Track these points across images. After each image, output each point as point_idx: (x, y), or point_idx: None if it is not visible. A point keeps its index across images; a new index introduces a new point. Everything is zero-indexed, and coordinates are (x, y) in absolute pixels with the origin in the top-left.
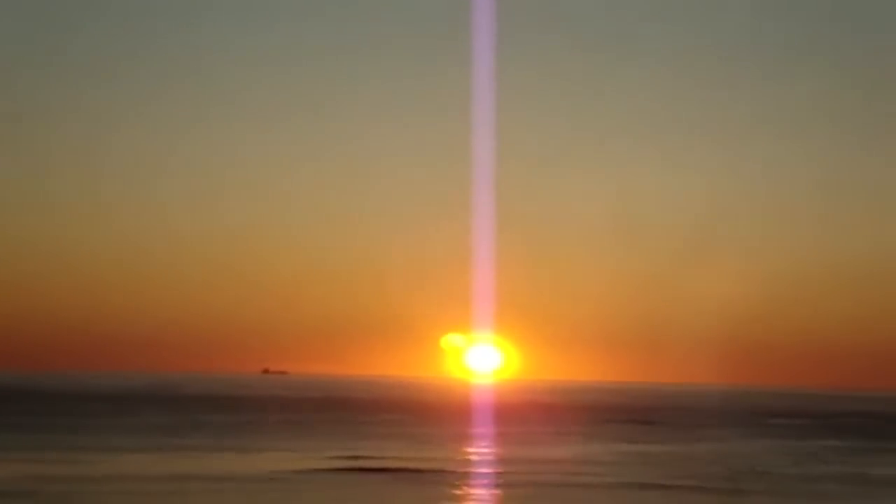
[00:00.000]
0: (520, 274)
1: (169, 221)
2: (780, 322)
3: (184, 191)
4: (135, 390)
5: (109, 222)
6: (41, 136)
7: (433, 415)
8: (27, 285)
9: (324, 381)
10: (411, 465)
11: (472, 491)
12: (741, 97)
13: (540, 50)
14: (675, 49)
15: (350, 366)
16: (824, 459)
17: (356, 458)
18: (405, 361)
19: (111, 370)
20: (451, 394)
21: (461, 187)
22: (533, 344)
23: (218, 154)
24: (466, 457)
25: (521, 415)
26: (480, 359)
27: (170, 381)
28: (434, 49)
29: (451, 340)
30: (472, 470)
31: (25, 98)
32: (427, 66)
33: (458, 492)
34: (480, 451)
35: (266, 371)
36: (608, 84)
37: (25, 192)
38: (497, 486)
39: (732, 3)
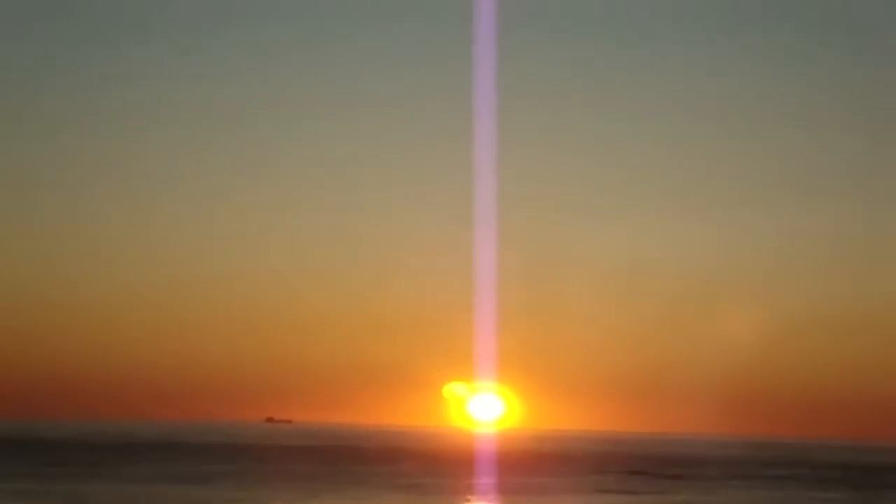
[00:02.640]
0: (523, 322)
1: (170, 268)
2: (787, 372)
3: (186, 238)
4: (136, 438)
5: (110, 268)
6: (38, 180)
7: (436, 465)
8: (28, 331)
9: (327, 430)
10: None
11: None
12: (749, 147)
13: (546, 98)
14: (685, 100)
15: (353, 415)
16: None
17: None
18: (408, 410)
19: (111, 418)
20: (453, 443)
21: (464, 235)
22: (536, 393)
23: (220, 200)
24: None
25: (523, 465)
26: (483, 408)
27: (171, 429)
28: (436, 96)
29: (453, 389)
30: None
31: (25, 143)
32: (428, 113)
33: None
34: None
35: (270, 419)
36: (615, 132)
37: (25, 244)
38: None
39: (748, 55)
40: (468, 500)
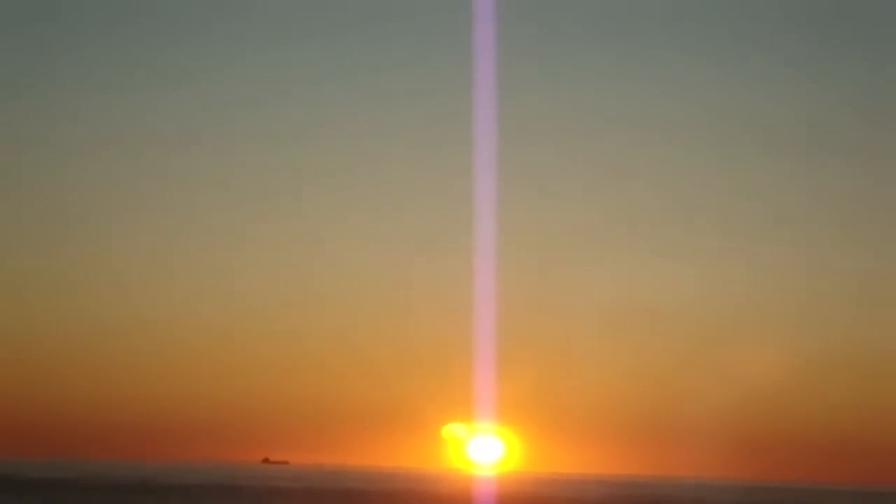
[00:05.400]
0: (524, 361)
1: (167, 308)
2: (801, 416)
3: (179, 277)
4: (130, 479)
5: (102, 306)
6: (27, 211)
7: None
8: (16, 370)
9: (324, 472)
10: None
11: None
12: (767, 182)
13: (551, 124)
14: (690, 134)
15: (350, 456)
16: None
17: None
18: (405, 452)
19: (104, 459)
20: (451, 486)
21: (463, 271)
22: (538, 434)
23: (215, 240)
24: None
25: None
26: (482, 449)
27: (167, 469)
28: (436, 129)
29: (452, 430)
30: None
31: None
32: (427, 147)
33: None
34: None
35: (266, 460)
36: (617, 170)
37: (13, 281)
38: None
39: (777, 71)
40: None
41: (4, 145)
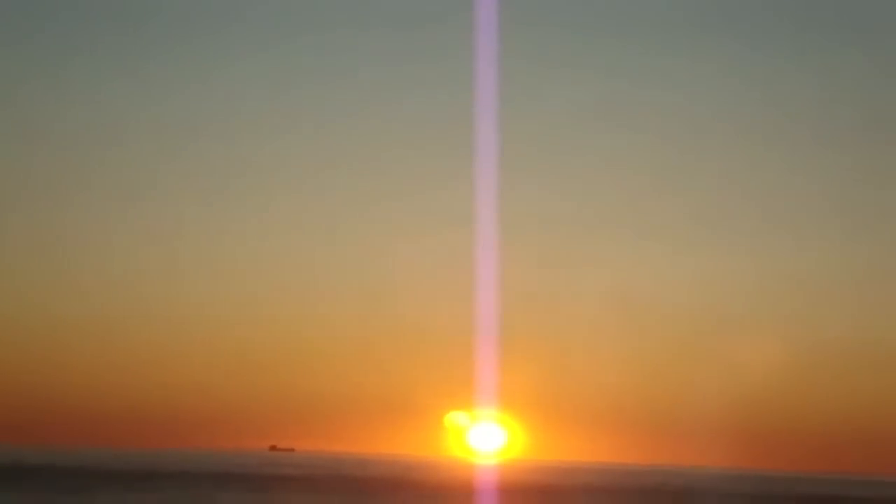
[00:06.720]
0: (526, 349)
1: (176, 300)
2: (801, 406)
3: (186, 268)
4: (138, 466)
5: (108, 293)
6: (33, 209)
7: (435, 497)
8: (25, 354)
9: (329, 459)
10: None
11: None
12: (770, 175)
13: (554, 114)
14: (708, 119)
15: (355, 444)
16: None
17: None
18: (409, 440)
19: (113, 446)
20: (454, 474)
21: (465, 263)
22: (540, 422)
23: (221, 233)
24: None
25: (525, 498)
26: (484, 438)
27: (175, 457)
28: (438, 120)
29: (454, 419)
30: None
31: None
32: (427, 130)
33: None
34: None
35: (273, 448)
36: (619, 165)
37: (21, 267)
38: None
39: (751, 84)
40: None
41: (7, 143)
